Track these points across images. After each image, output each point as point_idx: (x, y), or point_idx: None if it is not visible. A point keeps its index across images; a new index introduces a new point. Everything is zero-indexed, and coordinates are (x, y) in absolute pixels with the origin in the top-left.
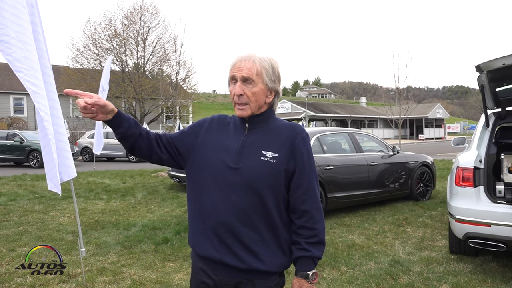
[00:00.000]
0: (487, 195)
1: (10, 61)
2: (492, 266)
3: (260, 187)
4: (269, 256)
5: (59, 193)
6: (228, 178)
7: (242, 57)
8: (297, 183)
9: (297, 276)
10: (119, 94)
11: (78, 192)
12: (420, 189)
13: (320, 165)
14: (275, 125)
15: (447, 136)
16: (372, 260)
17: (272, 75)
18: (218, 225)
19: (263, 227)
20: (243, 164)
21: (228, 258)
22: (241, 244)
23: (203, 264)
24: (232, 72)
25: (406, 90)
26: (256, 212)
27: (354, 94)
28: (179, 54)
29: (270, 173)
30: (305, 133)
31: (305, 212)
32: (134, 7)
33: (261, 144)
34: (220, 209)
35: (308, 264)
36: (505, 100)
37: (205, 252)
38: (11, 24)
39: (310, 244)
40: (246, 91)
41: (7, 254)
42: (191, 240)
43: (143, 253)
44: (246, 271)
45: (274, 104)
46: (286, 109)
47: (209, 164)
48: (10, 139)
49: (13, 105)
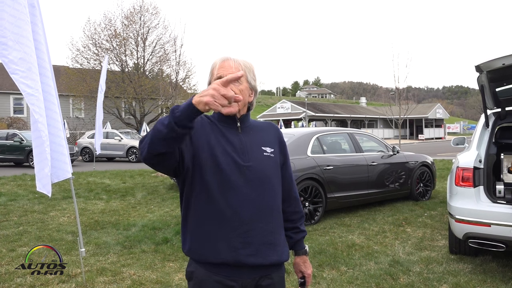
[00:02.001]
0: (487, 195)
1: (5, 63)
2: (492, 266)
3: (273, 181)
4: (282, 247)
5: (48, 195)
6: (242, 176)
7: (224, 57)
8: (286, 173)
9: (299, 255)
10: (119, 94)
11: (78, 192)
12: (420, 189)
13: (320, 165)
14: (257, 124)
15: (447, 136)
16: (372, 260)
17: (252, 75)
18: (240, 224)
19: (275, 219)
20: (253, 161)
21: (253, 258)
22: (262, 240)
23: (218, 275)
24: (219, 72)
25: (406, 90)
26: (270, 206)
27: (354, 94)
28: (179, 54)
29: (275, 166)
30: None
31: (294, 198)
32: (134, 7)
33: (258, 141)
34: (242, 208)
35: (303, 241)
36: (505, 100)
37: (225, 258)
38: (9, 25)
39: (302, 225)
40: (234, 89)
41: (7, 254)
42: (199, 249)
43: (143, 253)
44: (268, 267)
45: (253, 104)
46: (286, 109)
47: (220, 165)
48: (10, 139)
49: (13, 105)
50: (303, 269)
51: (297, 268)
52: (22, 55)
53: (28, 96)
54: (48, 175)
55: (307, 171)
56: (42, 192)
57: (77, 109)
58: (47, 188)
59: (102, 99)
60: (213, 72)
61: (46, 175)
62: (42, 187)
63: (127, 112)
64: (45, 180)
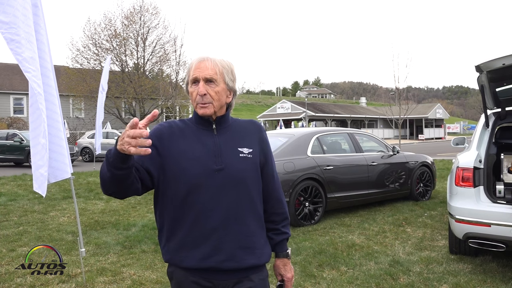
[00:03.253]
0: (487, 195)
1: (19, 61)
2: (492, 266)
3: (247, 183)
4: (261, 249)
5: (42, 195)
6: (215, 180)
7: (201, 58)
8: (268, 173)
9: (280, 257)
10: (119, 94)
11: (78, 192)
12: (420, 189)
13: (320, 165)
14: (237, 123)
15: (447, 136)
16: (372, 260)
17: (231, 75)
18: (213, 230)
19: (253, 222)
20: (226, 164)
21: (228, 263)
22: (238, 244)
23: (194, 276)
24: (194, 74)
25: (406, 90)
26: (246, 209)
27: (354, 94)
28: (179, 54)
29: (251, 168)
30: (262, 125)
31: (277, 199)
32: (134, 7)
33: (234, 142)
34: (214, 213)
35: (285, 244)
36: (505, 100)
37: (200, 264)
38: (22, 24)
39: (285, 227)
40: (210, 91)
41: (7, 254)
42: (175, 255)
43: (143, 253)
44: (244, 270)
45: (232, 105)
46: (286, 109)
47: (191, 171)
48: (10, 139)
49: (13, 105)
50: (283, 272)
51: (276, 270)
52: (32, 54)
53: (38, 96)
54: (44, 175)
55: (307, 171)
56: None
57: (77, 109)
58: (42, 189)
59: (104, 99)
60: (190, 73)
61: (42, 175)
62: (38, 187)
63: (127, 112)
64: (40, 180)
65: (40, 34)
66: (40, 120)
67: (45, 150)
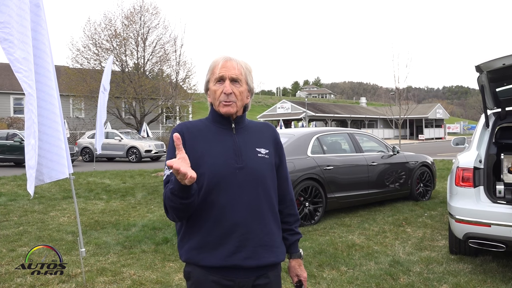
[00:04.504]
0: (487, 195)
1: (11, 61)
2: (492, 266)
3: (266, 182)
4: (279, 247)
5: (31, 195)
6: (236, 178)
7: (226, 57)
8: (282, 175)
9: (294, 258)
10: (119, 94)
11: (78, 192)
12: (420, 189)
13: (320, 165)
14: (253, 124)
15: (447, 136)
16: (372, 260)
17: (251, 77)
18: (235, 228)
19: (272, 220)
20: (246, 162)
21: (250, 261)
22: (259, 242)
23: (215, 275)
24: (221, 72)
25: (406, 90)
26: (266, 207)
27: (354, 94)
28: (179, 54)
29: (269, 168)
30: (276, 129)
31: (291, 200)
32: (134, 7)
33: (252, 142)
34: (236, 211)
35: (297, 244)
36: (505, 100)
37: (223, 262)
38: (16, 24)
39: (297, 228)
40: (234, 90)
41: (7, 254)
42: (195, 255)
43: (143, 253)
44: (264, 267)
45: (249, 106)
46: (286, 109)
47: (214, 170)
48: (10, 139)
49: (13, 105)
50: (300, 273)
51: (293, 271)
52: (25, 55)
53: (28, 96)
54: (32, 175)
55: (307, 171)
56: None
57: (77, 109)
58: (31, 189)
59: (106, 99)
60: (214, 71)
61: (31, 175)
62: (28, 187)
63: (127, 112)
64: (30, 181)
65: (41, 34)
66: (31, 121)
67: (34, 151)
